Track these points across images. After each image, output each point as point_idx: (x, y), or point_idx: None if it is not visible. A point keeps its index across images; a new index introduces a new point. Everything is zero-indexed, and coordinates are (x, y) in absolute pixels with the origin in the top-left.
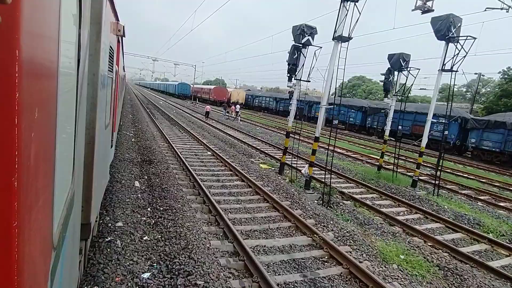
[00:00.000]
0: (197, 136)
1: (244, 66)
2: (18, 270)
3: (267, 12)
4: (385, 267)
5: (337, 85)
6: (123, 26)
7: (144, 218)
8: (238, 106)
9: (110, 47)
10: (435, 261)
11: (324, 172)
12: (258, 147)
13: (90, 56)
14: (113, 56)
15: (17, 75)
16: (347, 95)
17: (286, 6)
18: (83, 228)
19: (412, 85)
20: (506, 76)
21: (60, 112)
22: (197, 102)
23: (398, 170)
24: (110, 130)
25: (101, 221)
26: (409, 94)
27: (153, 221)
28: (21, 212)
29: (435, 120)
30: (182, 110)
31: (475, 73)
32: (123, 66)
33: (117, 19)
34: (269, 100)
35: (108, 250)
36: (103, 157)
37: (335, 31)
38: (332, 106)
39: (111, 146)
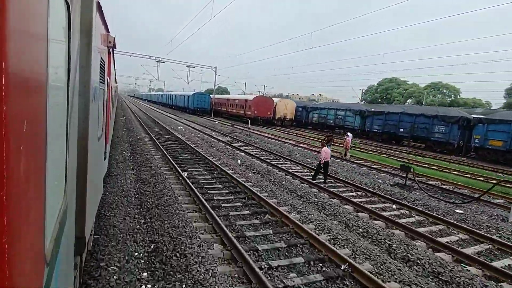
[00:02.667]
0: None
1: (244, 72)
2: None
3: (261, 19)
4: None
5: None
6: (114, 38)
7: None
8: (349, 135)
9: (101, 58)
10: None
11: None
12: None
13: (81, 67)
14: (104, 67)
15: (3, 87)
16: (379, 100)
17: (280, 14)
18: (77, 243)
19: None
20: None
21: (51, 124)
22: (248, 127)
23: None
24: (103, 141)
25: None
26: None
27: None
28: (11, 227)
29: None
30: (250, 154)
31: None
32: (115, 78)
33: (107, 30)
34: (345, 114)
35: None
36: (97, 169)
37: None
38: None
39: (105, 158)
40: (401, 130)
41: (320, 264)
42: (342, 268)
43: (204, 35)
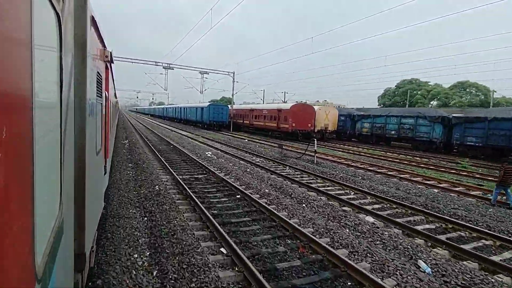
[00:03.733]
0: None
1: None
2: None
3: (257, 31)
4: None
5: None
6: (111, 52)
7: None
8: None
9: (98, 72)
10: None
11: None
12: None
13: (76, 81)
14: (101, 82)
15: None
16: (400, 103)
17: (274, 25)
18: (77, 259)
19: None
20: None
21: (39, 138)
22: (315, 150)
23: None
24: (103, 156)
25: None
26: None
27: None
28: None
29: None
30: (395, 224)
31: None
32: (115, 93)
33: (103, 45)
34: (416, 122)
35: None
36: (96, 184)
37: None
38: None
39: (105, 173)
40: None
41: None
42: None
43: (204, 48)
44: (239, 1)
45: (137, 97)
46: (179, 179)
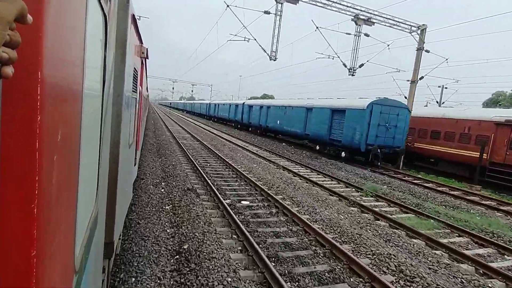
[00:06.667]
0: None
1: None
2: None
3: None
4: None
5: None
6: (147, 49)
7: None
8: None
9: (134, 68)
10: None
11: None
12: None
13: (115, 77)
14: (137, 77)
15: (39, 97)
16: None
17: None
18: (106, 247)
19: None
20: None
21: (85, 133)
22: None
23: None
24: (134, 148)
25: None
26: None
27: None
28: (40, 241)
29: None
30: None
31: None
32: (147, 87)
33: (141, 42)
34: None
35: None
36: (127, 175)
37: None
38: None
39: (135, 164)
40: None
41: None
42: None
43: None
44: None
45: (173, 88)
46: None
